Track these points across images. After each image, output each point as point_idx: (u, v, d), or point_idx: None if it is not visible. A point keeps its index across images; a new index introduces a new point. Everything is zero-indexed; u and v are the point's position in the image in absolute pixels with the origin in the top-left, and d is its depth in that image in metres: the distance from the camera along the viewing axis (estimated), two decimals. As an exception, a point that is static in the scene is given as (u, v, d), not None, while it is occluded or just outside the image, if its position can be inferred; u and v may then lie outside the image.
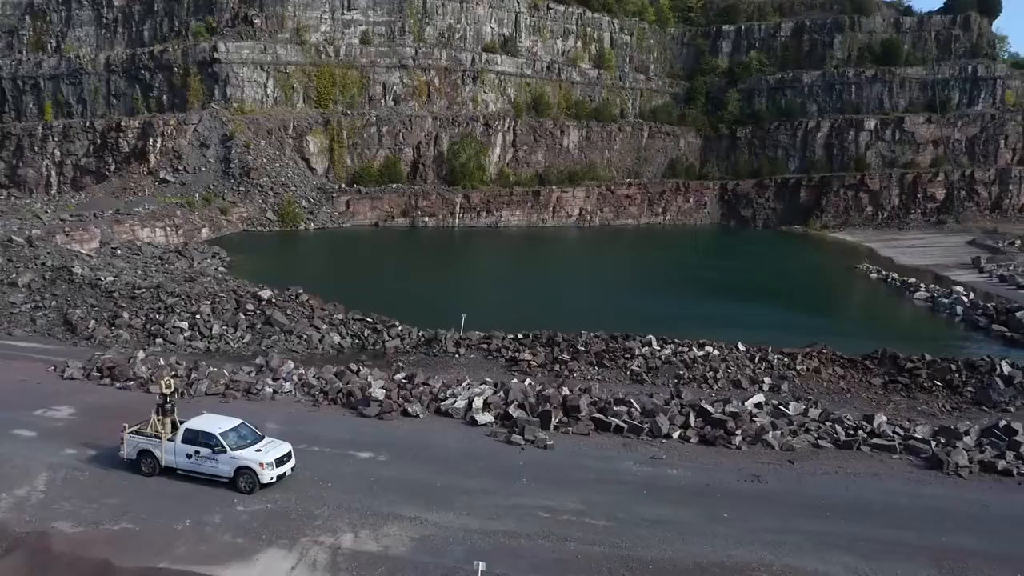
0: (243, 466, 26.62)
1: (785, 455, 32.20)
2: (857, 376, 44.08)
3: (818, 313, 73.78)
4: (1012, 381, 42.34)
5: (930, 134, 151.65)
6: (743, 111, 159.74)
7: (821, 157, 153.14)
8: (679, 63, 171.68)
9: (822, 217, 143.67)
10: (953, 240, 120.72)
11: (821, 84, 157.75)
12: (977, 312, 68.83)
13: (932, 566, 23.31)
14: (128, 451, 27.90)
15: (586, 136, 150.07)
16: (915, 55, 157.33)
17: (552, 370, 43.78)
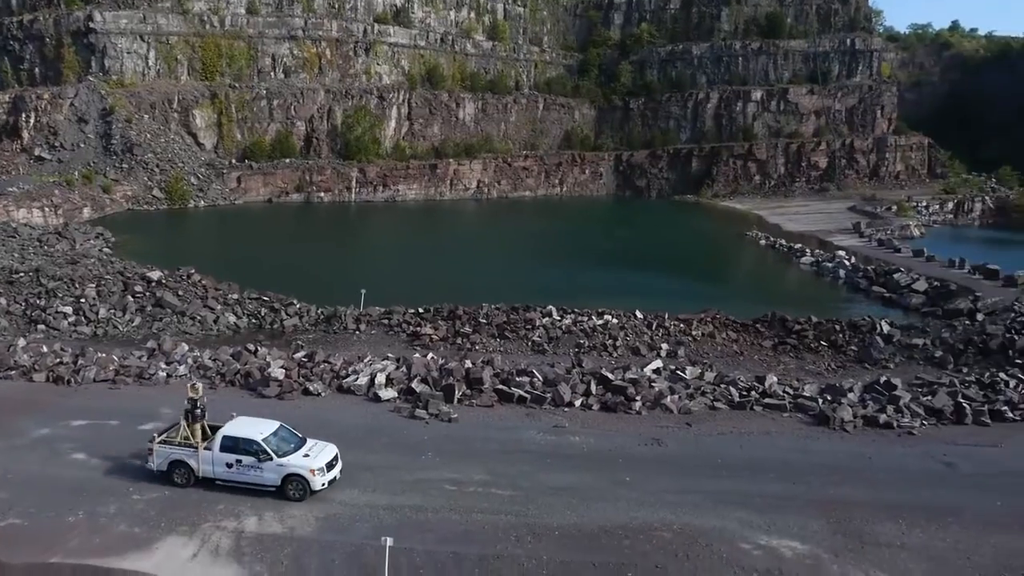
0: (293, 474, 24.81)
1: (683, 418, 33.22)
2: (749, 339, 45.75)
3: (711, 279, 76.00)
4: (891, 339, 44.76)
5: (812, 105, 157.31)
6: (635, 83, 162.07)
7: (711, 128, 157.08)
8: (572, 35, 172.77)
9: (713, 186, 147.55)
10: (835, 207, 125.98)
11: (710, 56, 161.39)
12: (858, 275, 72.27)
13: (821, 517, 24.49)
14: (158, 462, 25.61)
15: (482, 108, 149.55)
16: (798, 28, 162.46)
17: (454, 343, 43.81)
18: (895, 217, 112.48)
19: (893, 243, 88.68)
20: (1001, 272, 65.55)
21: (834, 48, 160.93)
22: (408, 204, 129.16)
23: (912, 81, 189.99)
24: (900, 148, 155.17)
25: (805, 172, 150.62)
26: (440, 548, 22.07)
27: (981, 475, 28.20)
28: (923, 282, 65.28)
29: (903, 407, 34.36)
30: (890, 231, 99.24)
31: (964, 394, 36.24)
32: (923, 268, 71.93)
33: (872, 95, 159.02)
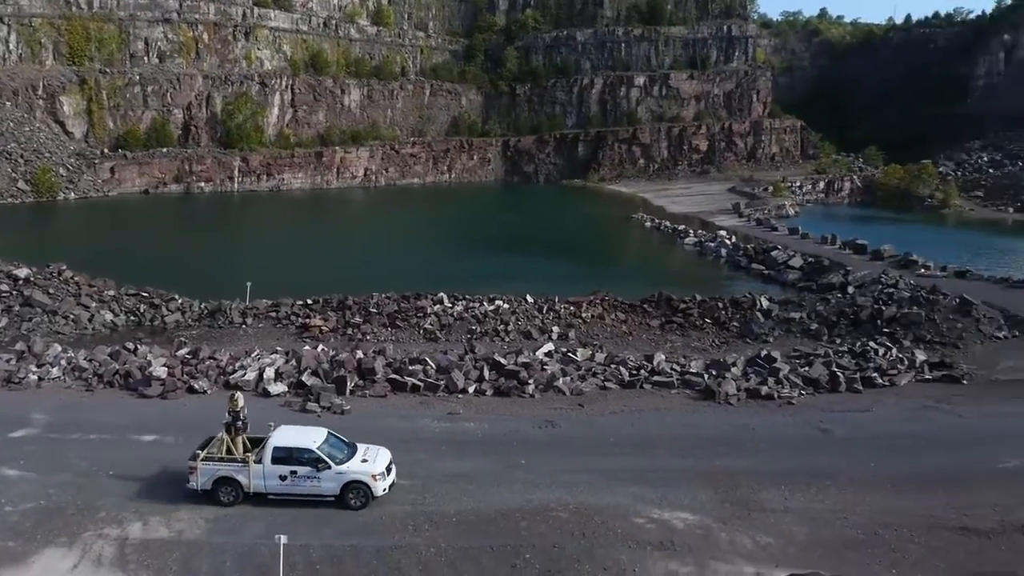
0: (353, 481, 23.55)
1: (576, 399, 33.73)
2: (637, 319, 46.77)
3: (600, 262, 77.32)
4: (770, 314, 46.58)
5: (693, 90, 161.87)
6: (521, 68, 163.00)
7: (596, 113, 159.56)
8: (457, 20, 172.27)
9: (599, 170, 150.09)
10: (716, 188, 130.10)
11: (594, 42, 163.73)
12: (739, 254, 74.91)
13: (710, 488, 25.33)
14: (203, 480, 23.62)
15: (368, 95, 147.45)
16: (677, 15, 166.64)
17: (345, 334, 43.16)
18: (772, 197, 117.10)
19: (770, 222, 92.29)
20: (869, 247, 69.29)
21: (712, 35, 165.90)
22: (294, 193, 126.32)
23: (785, 66, 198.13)
24: (775, 131, 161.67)
25: (687, 155, 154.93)
26: (337, 542, 21.74)
27: (855, 439, 29.73)
28: (799, 259, 68.14)
29: (783, 378, 35.88)
30: (767, 211, 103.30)
31: (838, 363, 38.11)
32: (798, 245, 75.18)
33: (748, 80, 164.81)
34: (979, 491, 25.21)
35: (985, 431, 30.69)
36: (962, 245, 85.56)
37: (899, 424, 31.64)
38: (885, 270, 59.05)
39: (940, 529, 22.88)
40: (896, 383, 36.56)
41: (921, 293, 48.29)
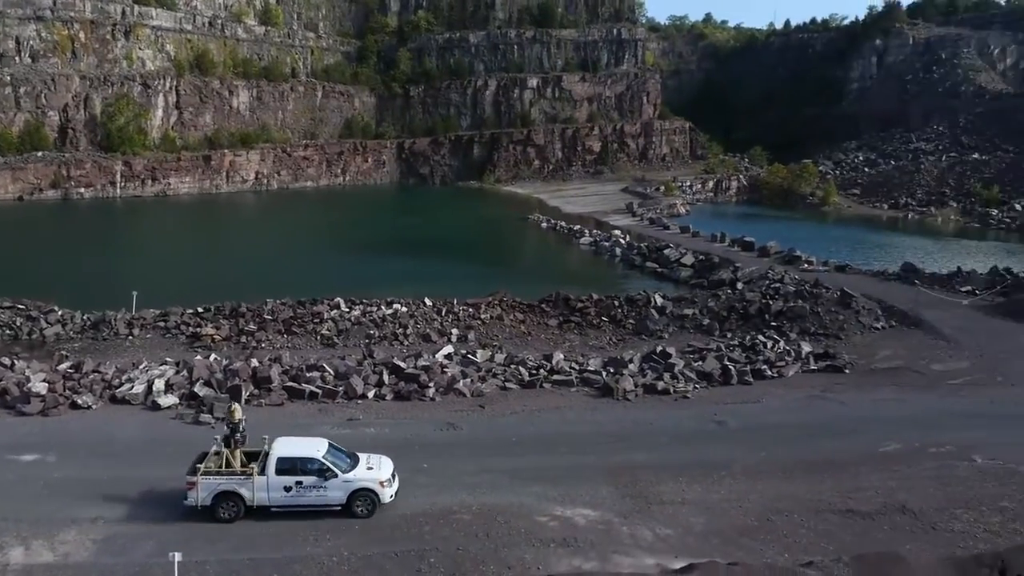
0: (361, 488, 23.05)
1: (476, 401, 33.76)
2: (536, 319, 47.15)
3: (497, 263, 77.65)
4: (664, 311, 47.72)
5: (585, 92, 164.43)
6: (415, 70, 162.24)
7: (490, 114, 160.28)
8: (349, 21, 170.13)
9: (495, 172, 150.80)
10: (609, 188, 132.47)
11: (486, 44, 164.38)
12: (633, 252, 76.52)
13: (611, 483, 25.75)
14: (203, 496, 22.64)
15: (257, 96, 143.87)
16: (568, 18, 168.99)
17: (239, 342, 41.96)
18: (663, 197, 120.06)
19: (662, 221, 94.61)
20: (756, 244, 71.90)
21: (602, 37, 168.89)
22: (181, 198, 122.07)
23: (673, 69, 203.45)
24: (665, 132, 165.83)
25: (581, 156, 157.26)
26: (235, 556, 21.10)
27: (747, 430, 30.77)
28: (690, 256, 70.10)
29: (678, 373, 36.82)
30: (659, 210, 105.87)
31: (729, 357, 39.39)
32: (690, 243, 77.35)
33: (638, 82, 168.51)
34: (862, 475, 26.47)
35: (866, 417, 32.23)
36: (841, 241, 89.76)
37: (788, 414, 32.92)
38: (771, 266, 61.32)
39: (827, 513, 23.90)
40: (784, 374, 38.04)
41: (805, 287, 50.32)
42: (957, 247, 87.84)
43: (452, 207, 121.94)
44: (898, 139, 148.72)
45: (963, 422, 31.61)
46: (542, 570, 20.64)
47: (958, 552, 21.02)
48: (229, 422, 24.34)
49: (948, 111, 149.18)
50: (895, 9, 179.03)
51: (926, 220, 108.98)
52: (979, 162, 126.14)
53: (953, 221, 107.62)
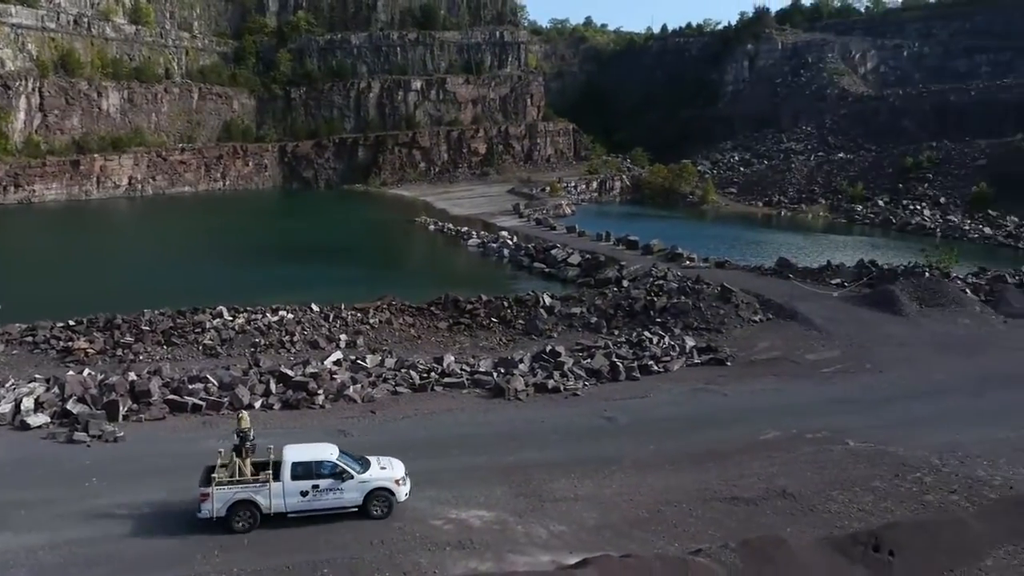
0: (377, 488, 23.12)
1: (367, 406, 33.36)
2: (425, 322, 46.95)
3: (385, 266, 76.92)
4: (553, 310, 48.32)
5: (469, 94, 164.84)
6: (295, 72, 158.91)
7: (375, 117, 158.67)
8: (225, 21, 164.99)
9: (380, 175, 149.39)
10: (496, 190, 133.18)
11: (369, 46, 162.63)
12: (520, 253, 77.14)
13: (504, 483, 25.88)
14: (218, 507, 22.25)
15: (129, 98, 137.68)
16: (451, 20, 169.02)
17: (115, 356, 40.09)
18: (549, 197, 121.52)
19: (549, 221, 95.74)
20: (640, 242, 73.62)
21: (486, 40, 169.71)
22: (48, 205, 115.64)
23: (555, 72, 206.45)
24: (549, 134, 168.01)
25: (467, 158, 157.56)
26: (115, 579, 20.19)
27: (635, 424, 31.49)
28: (577, 256, 71.21)
29: (568, 371, 37.36)
30: (545, 210, 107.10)
31: (617, 354, 40.24)
32: (576, 243, 78.55)
33: (522, 85, 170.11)
34: (745, 462, 27.49)
35: (747, 407, 33.51)
36: (720, 237, 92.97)
37: (674, 407, 33.87)
38: (655, 263, 62.89)
39: (714, 501, 24.71)
40: (670, 369, 39.13)
41: (687, 284, 51.85)
42: (826, 242, 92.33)
43: (338, 211, 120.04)
44: (770, 139, 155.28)
45: (836, 408, 33.27)
46: (438, 574, 20.57)
47: (835, 532, 22.11)
48: (238, 431, 23.92)
49: (815, 112, 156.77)
50: (764, 15, 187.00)
51: (798, 216, 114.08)
52: (845, 161, 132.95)
53: (822, 217, 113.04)
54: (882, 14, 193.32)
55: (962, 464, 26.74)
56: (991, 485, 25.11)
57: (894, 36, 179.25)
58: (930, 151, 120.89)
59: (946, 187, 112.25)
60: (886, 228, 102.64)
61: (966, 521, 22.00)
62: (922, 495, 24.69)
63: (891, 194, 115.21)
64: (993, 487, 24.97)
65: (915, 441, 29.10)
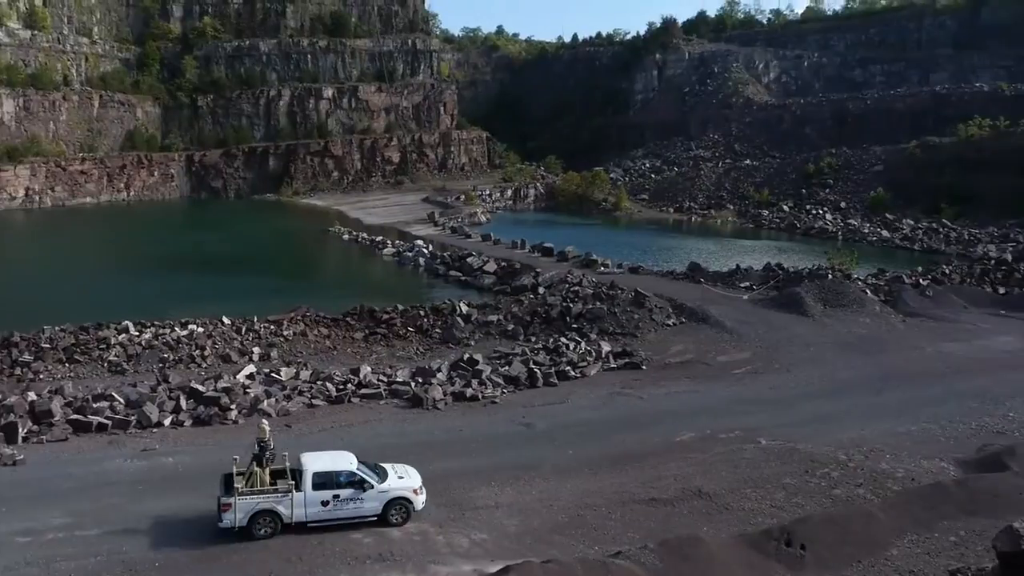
0: (396, 498, 23.44)
1: (282, 420, 32.69)
2: (341, 333, 46.34)
3: (299, 277, 75.68)
4: (470, 319, 48.31)
5: (382, 102, 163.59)
6: (202, 79, 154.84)
7: (285, 125, 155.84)
8: (127, 26, 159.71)
9: (293, 184, 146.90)
10: (411, 199, 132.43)
11: (278, 53, 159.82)
12: (436, 262, 76.86)
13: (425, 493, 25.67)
14: (240, 516, 22.32)
15: (24, 106, 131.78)
16: (362, 27, 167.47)
17: (12, 375, 38.31)
18: (464, 205, 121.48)
19: (464, 230, 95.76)
20: (555, 249, 74.30)
21: (398, 48, 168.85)
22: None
23: (468, 80, 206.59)
24: (463, 142, 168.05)
25: (380, 167, 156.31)
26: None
27: (554, 430, 31.70)
28: (493, 263, 71.33)
29: (486, 379, 37.38)
30: (461, 219, 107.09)
31: (534, 360, 40.46)
32: (491, 251, 78.74)
33: (435, 93, 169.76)
34: (662, 464, 27.97)
35: (663, 410, 34.13)
36: (633, 243, 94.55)
37: (592, 412, 34.24)
38: (570, 270, 63.54)
39: (633, 503, 25.05)
40: (587, 374, 39.56)
41: (602, 289, 52.52)
42: (735, 246, 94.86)
43: (249, 221, 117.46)
44: (680, 147, 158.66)
45: (748, 408, 34.18)
46: (359, 588, 20.28)
47: (749, 528, 22.67)
48: (258, 440, 23.81)
49: (722, 121, 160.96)
50: (672, 26, 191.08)
51: (708, 222, 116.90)
52: (751, 167, 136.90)
53: (731, 222, 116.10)
54: (783, 26, 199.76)
55: (867, 458, 27.75)
56: (894, 477, 26.14)
57: (795, 47, 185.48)
58: (830, 158, 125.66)
59: (846, 192, 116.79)
60: (791, 232, 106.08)
61: (872, 513, 22.84)
62: (830, 489, 25.54)
63: (795, 199, 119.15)
64: (896, 479, 26.00)
65: (823, 438, 30.12)
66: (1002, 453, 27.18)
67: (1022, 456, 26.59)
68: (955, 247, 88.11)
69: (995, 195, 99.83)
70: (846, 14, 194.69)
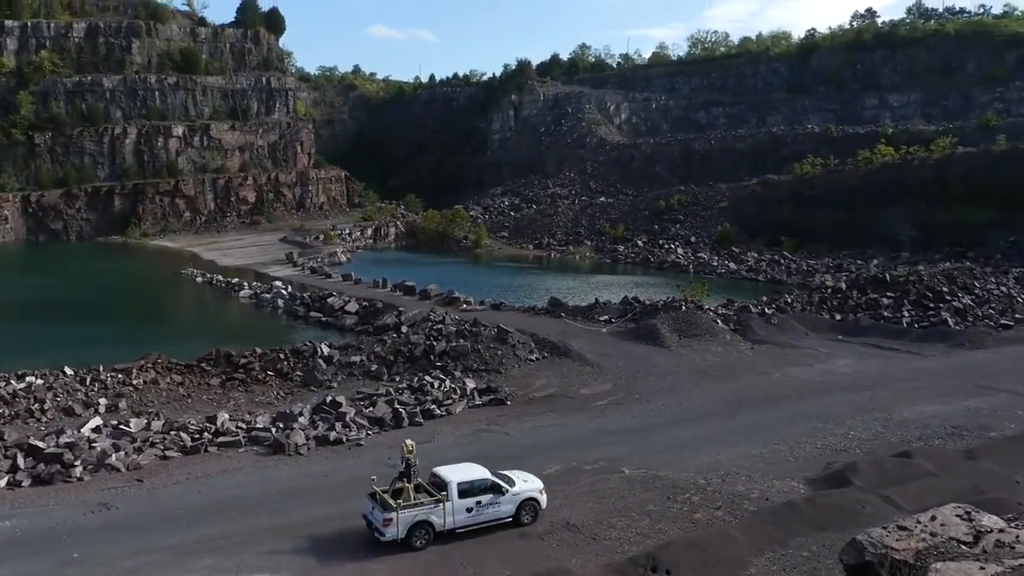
0: (527, 499, 25.91)
1: (133, 475, 30.91)
2: (196, 380, 44.46)
3: (150, 323, 72.26)
4: (331, 360, 47.41)
5: (236, 140, 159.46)
6: (39, 115, 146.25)
7: (132, 164, 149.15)
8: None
9: (141, 225, 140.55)
10: (268, 239, 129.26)
11: (124, 89, 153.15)
12: (296, 303, 75.18)
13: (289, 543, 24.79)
14: (401, 529, 23.99)
15: None
16: (214, 64, 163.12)
17: None
18: (324, 245, 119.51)
19: (324, 270, 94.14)
20: (417, 287, 74.08)
21: (251, 86, 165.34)
22: None
23: (325, 119, 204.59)
24: (321, 181, 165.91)
25: (235, 207, 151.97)
26: None
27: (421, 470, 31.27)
28: (354, 303, 70.42)
29: (350, 422, 36.65)
30: (320, 259, 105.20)
31: (399, 400, 40.02)
32: (353, 290, 77.69)
33: (291, 131, 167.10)
34: (530, 499, 28.10)
35: (529, 444, 34.41)
36: (495, 280, 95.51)
37: (458, 450, 34.06)
38: (433, 308, 63.46)
39: (502, 539, 25.03)
40: (452, 412, 39.45)
41: (465, 327, 52.67)
42: (594, 281, 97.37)
43: (93, 265, 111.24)
44: (537, 185, 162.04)
45: (611, 438, 34.94)
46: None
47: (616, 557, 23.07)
48: (404, 458, 25.53)
49: (577, 159, 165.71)
50: (526, 68, 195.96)
51: (566, 257, 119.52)
52: (606, 204, 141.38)
53: (589, 258, 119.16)
54: (632, 70, 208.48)
55: (724, 481, 28.85)
56: (750, 498, 27.28)
57: (643, 90, 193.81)
58: (680, 195, 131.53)
59: (695, 227, 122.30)
60: (646, 266, 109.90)
61: (731, 534, 23.72)
62: (691, 514, 26.37)
63: (648, 234, 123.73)
64: (752, 500, 27.14)
65: (683, 464, 31.12)
66: (846, 469, 28.84)
67: (863, 472, 28.32)
68: (795, 277, 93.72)
69: (828, 228, 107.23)
70: (689, 60, 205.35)
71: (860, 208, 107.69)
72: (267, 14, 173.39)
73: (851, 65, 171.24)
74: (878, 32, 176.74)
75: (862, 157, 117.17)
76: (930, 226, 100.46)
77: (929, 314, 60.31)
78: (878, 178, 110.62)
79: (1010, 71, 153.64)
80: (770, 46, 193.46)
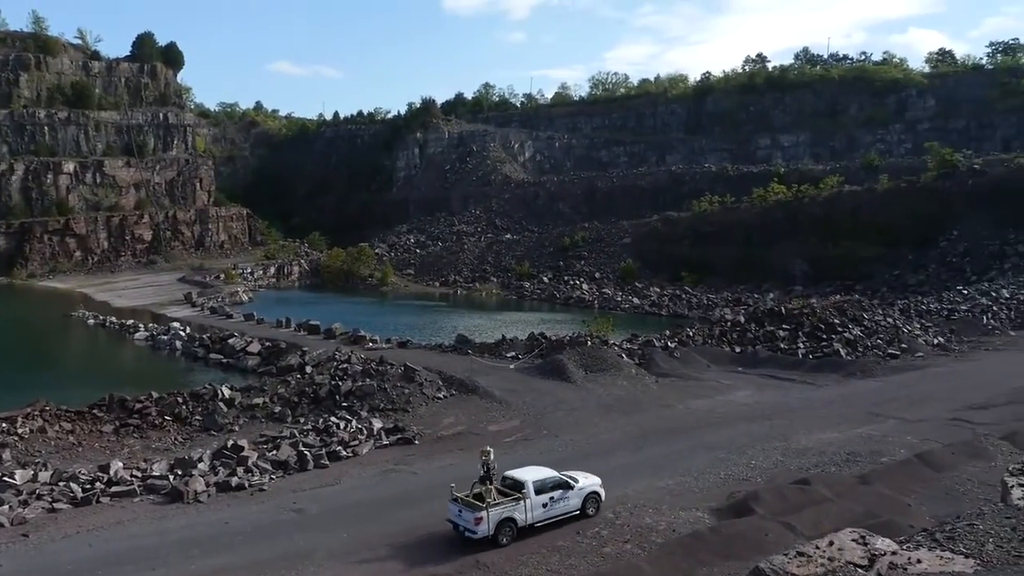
0: (591, 493, 28.84)
1: (18, 530, 29.19)
2: (87, 427, 42.40)
3: (38, 368, 68.82)
4: (233, 403, 46.00)
5: (131, 177, 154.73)
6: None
7: (19, 201, 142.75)
8: None
9: (27, 266, 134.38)
10: (165, 279, 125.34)
11: (10, 124, 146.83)
12: (195, 344, 72.88)
13: (185, 597, 23.80)
14: (491, 526, 26.28)
15: None
16: (108, 99, 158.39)
17: None
18: (224, 284, 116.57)
19: (225, 310, 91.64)
20: (321, 326, 72.84)
21: (148, 121, 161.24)
22: None
23: (226, 156, 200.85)
24: (222, 219, 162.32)
25: (130, 245, 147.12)
26: None
27: (327, 514, 30.60)
28: (256, 344, 68.73)
29: (252, 466, 35.55)
30: (221, 298, 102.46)
31: (304, 443, 39.06)
32: (255, 331, 75.84)
33: (190, 168, 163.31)
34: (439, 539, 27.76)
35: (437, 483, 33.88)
36: (401, 318, 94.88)
37: (365, 491, 33.47)
38: (338, 347, 62.41)
39: (410, 582, 24.61)
40: (359, 452, 38.73)
41: (371, 366, 51.94)
42: (500, 318, 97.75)
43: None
44: (443, 222, 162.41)
45: (519, 475, 34.82)
46: None
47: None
48: (483, 463, 27.80)
49: (483, 197, 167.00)
50: (431, 106, 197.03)
51: (473, 294, 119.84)
52: (511, 241, 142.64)
53: (495, 294, 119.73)
54: (535, 109, 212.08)
55: (632, 515, 29.15)
56: (657, 530, 27.61)
57: (547, 129, 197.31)
58: (583, 231, 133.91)
59: (600, 263, 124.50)
60: (552, 302, 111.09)
61: (639, 567, 23.92)
62: (601, 548, 26.50)
63: (554, 271, 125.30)
64: (659, 532, 27.47)
65: (590, 498, 31.26)
66: (748, 498, 29.52)
67: (765, 500, 29.05)
68: (696, 311, 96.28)
69: (726, 263, 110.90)
70: (591, 100, 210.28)
71: (756, 244, 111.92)
72: (164, 48, 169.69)
73: (744, 107, 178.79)
74: (769, 76, 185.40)
75: (756, 195, 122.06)
76: (821, 260, 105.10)
77: (822, 345, 62.68)
78: (772, 215, 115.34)
79: (890, 114, 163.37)
80: (668, 88, 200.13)
